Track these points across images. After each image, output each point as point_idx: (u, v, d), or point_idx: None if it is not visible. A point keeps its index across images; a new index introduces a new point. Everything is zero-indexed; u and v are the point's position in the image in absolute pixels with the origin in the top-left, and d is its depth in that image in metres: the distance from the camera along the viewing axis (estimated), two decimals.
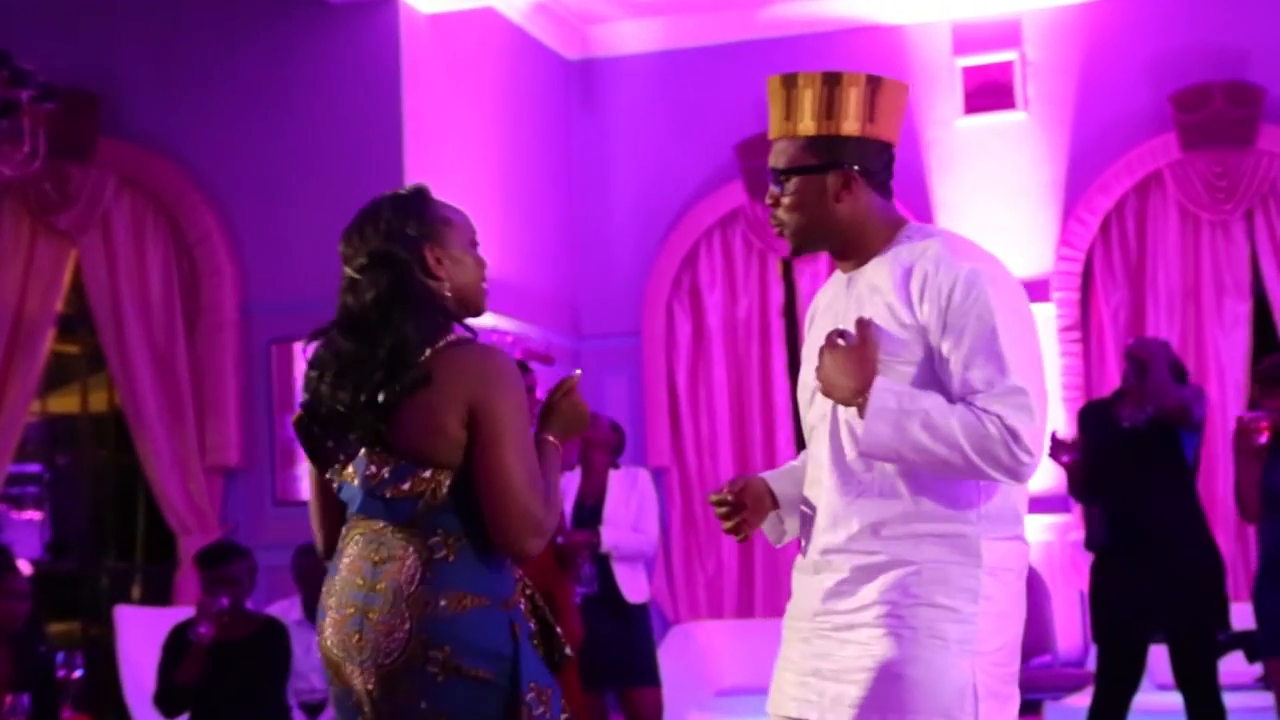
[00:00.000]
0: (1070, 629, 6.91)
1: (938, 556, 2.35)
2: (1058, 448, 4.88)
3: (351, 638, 2.37)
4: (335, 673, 2.41)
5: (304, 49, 6.97)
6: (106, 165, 7.05)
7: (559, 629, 2.52)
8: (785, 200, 2.49)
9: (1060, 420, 7.25)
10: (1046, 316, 7.38)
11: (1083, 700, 5.91)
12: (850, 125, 2.45)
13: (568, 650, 2.50)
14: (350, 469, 2.44)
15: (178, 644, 5.21)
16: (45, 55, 6.72)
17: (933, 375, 2.36)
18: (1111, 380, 7.21)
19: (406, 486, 2.38)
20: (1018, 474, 2.30)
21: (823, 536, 2.45)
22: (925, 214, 7.57)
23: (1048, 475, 7.24)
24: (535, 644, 2.45)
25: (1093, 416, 5.09)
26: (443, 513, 2.38)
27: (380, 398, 2.37)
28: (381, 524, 2.40)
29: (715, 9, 7.88)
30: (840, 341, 2.39)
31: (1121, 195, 7.37)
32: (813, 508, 2.49)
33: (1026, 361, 2.34)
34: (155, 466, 6.91)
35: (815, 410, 2.50)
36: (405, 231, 2.43)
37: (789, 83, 2.49)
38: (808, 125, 2.46)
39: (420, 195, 2.50)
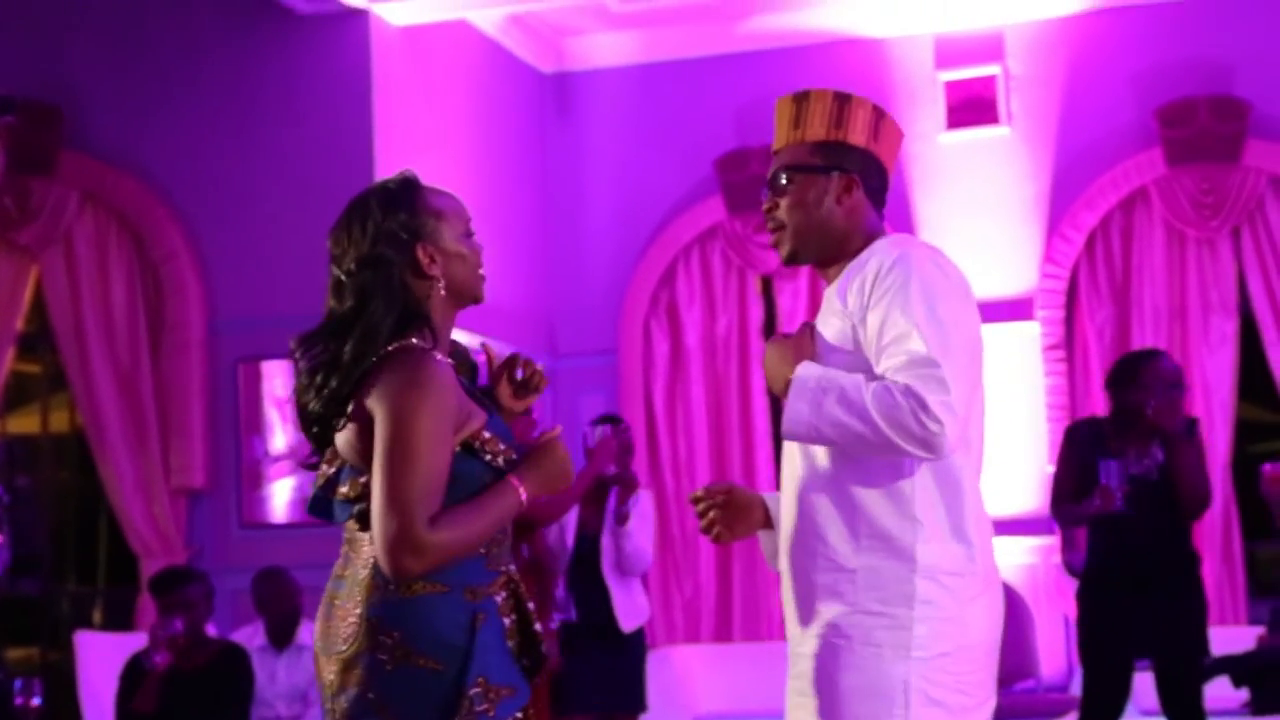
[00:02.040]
0: (1054, 653, 6.78)
1: (871, 563, 2.40)
2: (1105, 497, 4.74)
3: (324, 627, 2.33)
4: (318, 669, 2.36)
5: (272, 62, 6.84)
6: (68, 180, 6.91)
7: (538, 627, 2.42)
8: (785, 200, 2.57)
9: (1045, 438, 7.14)
10: (1031, 335, 7.29)
11: None
12: (857, 137, 2.56)
13: (544, 650, 2.40)
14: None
15: (135, 673, 5.09)
16: (4, 66, 6.61)
17: (864, 361, 2.42)
18: (1097, 399, 7.11)
19: (345, 489, 2.32)
20: (930, 444, 2.32)
21: (784, 550, 2.52)
22: (908, 230, 7.45)
23: (1029, 496, 7.14)
24: (511, 642, 2.35)
25: (1090, 443, 4.93)
26: None
27: (315, 407, 2.34)
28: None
29: (693, 22, 7.78)
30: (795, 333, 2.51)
31: (1107, 211, 7.28)
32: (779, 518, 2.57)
33: (950, 340, 2.36)
34: (118, 488, 6.77)
35: None
36: (395, 231, 2.35)
37: (800, 97, 2.60)
38: (817, 131, 2.57)
39: (409, 186, 2.40)
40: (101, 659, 5.98)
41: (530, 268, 7.80)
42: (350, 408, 2.31)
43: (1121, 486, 4.70)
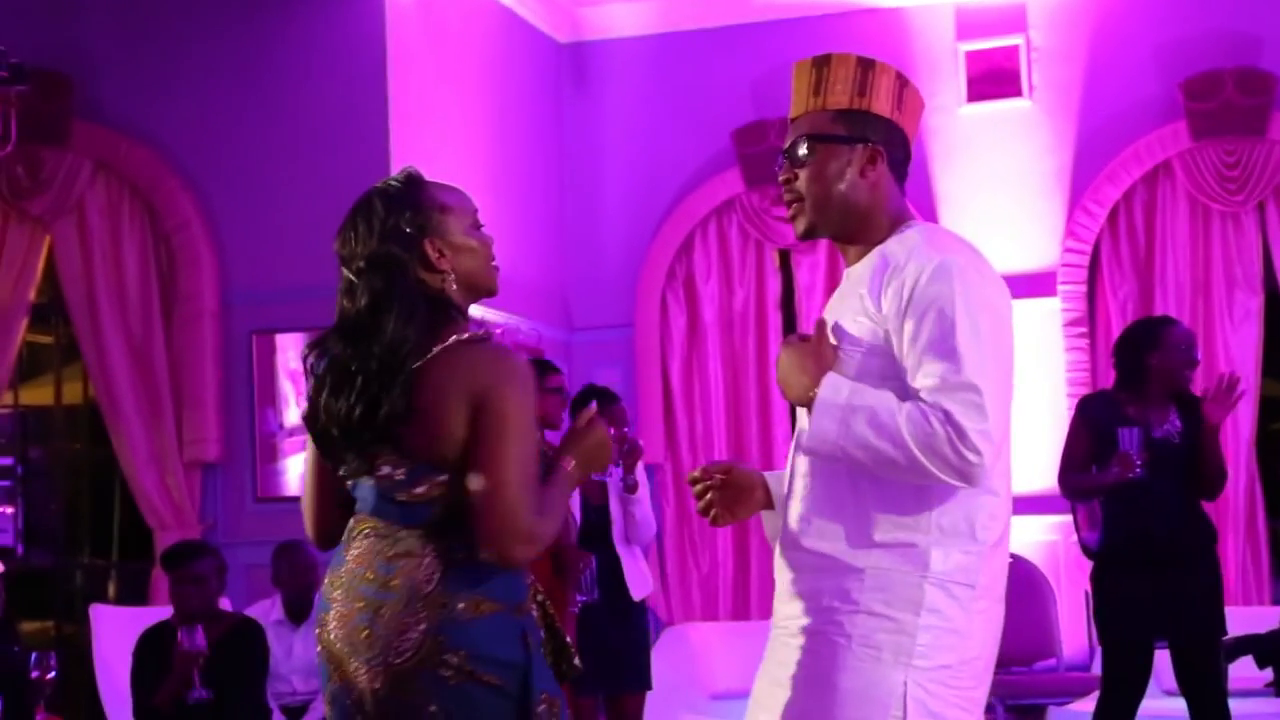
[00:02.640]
0: (1075, 632, 6.72)
1: (883, 564, 2.30)
2: (1124, 463, 4.67)
3: (360, 633, 2.28)
4: (336, 668, 2.31)
5: (286, 29, 6.77)
6: (81, 149, 6.84)
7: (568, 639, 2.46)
8: (805, 171, 2.44)
9: (1066, 415, 7.06)
10: (1052, 310, 7.22)
11: (1088, 705, 5.76)
12: (882, 106, 2.44)
13: (576, 662, 2.43)
14: (365, 469, 2.36)
15: (148, 653, 5.04)
16: (17, 35, 6.52)
17: (895, 367, 2.31)
18: None
19: (421, 490, 2.29)
20: (967, 474, 2.23)
21: (785, 539, 2.44)
22: (928, 205, 7.38)
23: (1049, 474, 7.04)
24: (545, 652, 2.38)
25: (1105, 414, 4.88)
26: (461, 516, 2.28)
27: (382, 411, 2.29)
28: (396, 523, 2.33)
29: None
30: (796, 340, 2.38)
31: (1130, 185, 7.19)
32: (784, 510, 2.47)
33: (988, 358, 2.27)
34: (132, 461, 6.72)
35: (802, 412, 2.47)
36: (401, 228, 2.33)
37: (820, 61, 2.47)
38: (839, 99, 2.43)
39: (413, 183, 2.38)
40: (117, 632, 5.94)
41: (546, 240, 7.74)
42: (417, 405, 2.28)
43: (1141, 454, 4.64)
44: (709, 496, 2.49)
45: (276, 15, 6.78)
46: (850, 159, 2.41)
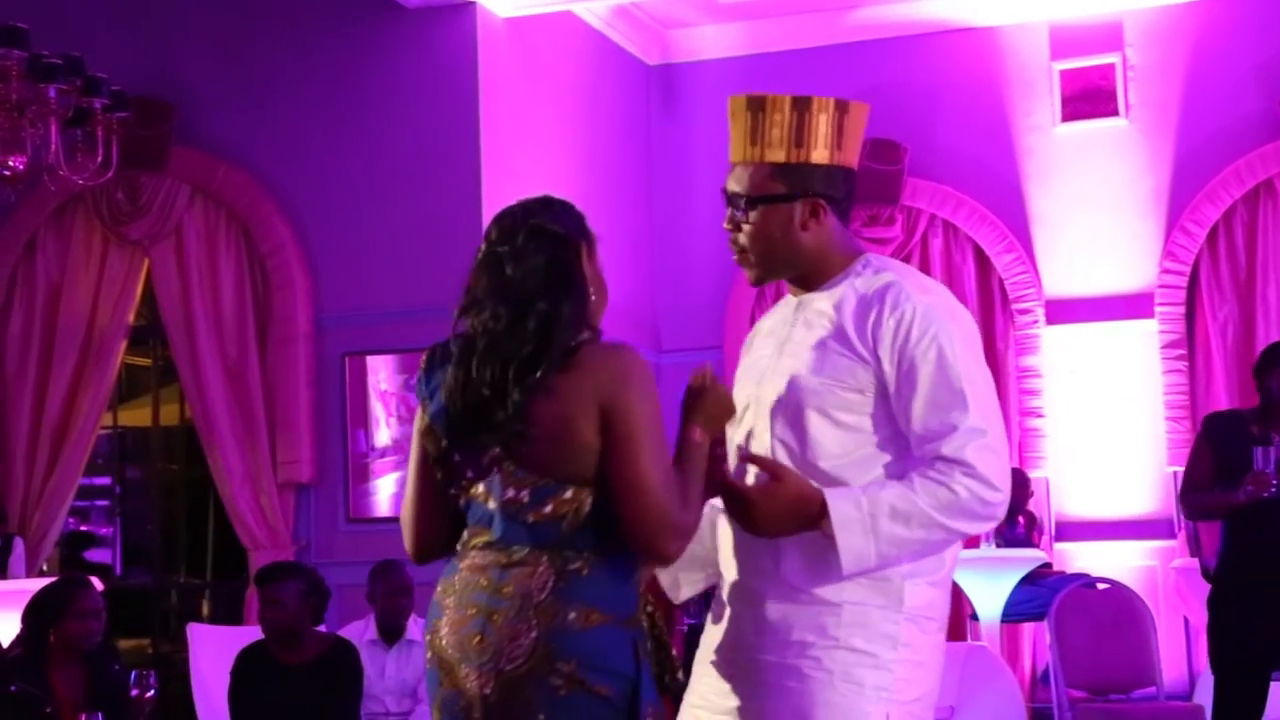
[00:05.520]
0: (1175, 660, 6.59)
1: (859, 598, 2.31)
2: (1259, 482, 4.56)
3: (471, 639, 2.28)
4: (447, 674, 2.32)
5: (379, 55, 6.84)
6: (179, 174, 6.96)
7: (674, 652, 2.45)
8: (748, 228, 2.45)
9: (1164, 439, 6.94)
10: (1149, 332, 7.10)
11: None
12: (820, 153, 2.42)
13: (680, 675, 2.43)
14: (481, 488, 2.33)
15: (245, 672, 5.08)
16: (118, 63, 6.65)
17: (885, 409, 2.33)
18: (1219, 399, 6.91)
19: (549, 510, 2.28)
20: (996, 517, 2.30)
21: (747, 568, 2.42)
22: (1021, 225, 7.30)
23: (1147, 498, 6.95)
24: (650, 663, 2.38)
25: (1229, 434, 4.77)
26: (582, 531, 2.30)
27: (538, 374, 2.27)
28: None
29: (800, 12, 7.66)
30: (754, 486, 2.27)
31: (1229, 205, 7.07)
32: (736, 534, 2.43)
33: (984, 396, 2.32)
34: (227, 481, 6.80)
35: (742, 429, 2.46)
36: (570, 217, 2.40)
37: (755, 105, 2.44)
38: (776, 152, 2.42)
39: (572, 206, 2.45)
40: (213, 651, 6.00)
41: (635, 261, 7.74)
42: (541, 416, 2.26)
43: (1277, 473, 4.52)
44: None
45: (370, 42, 6.86)
46: (791, 215, 2.41)
